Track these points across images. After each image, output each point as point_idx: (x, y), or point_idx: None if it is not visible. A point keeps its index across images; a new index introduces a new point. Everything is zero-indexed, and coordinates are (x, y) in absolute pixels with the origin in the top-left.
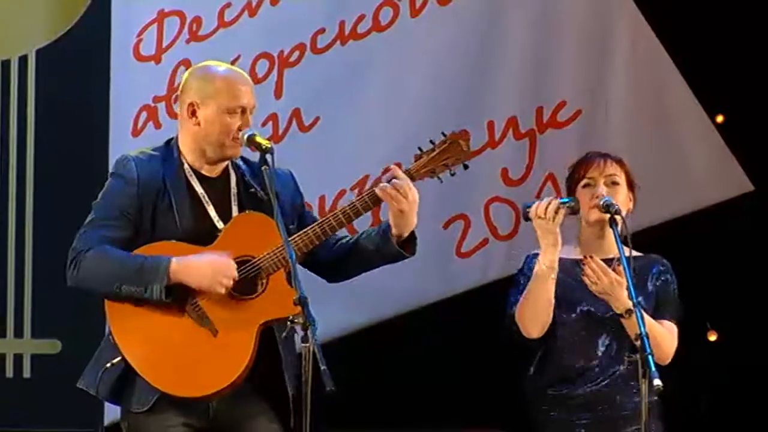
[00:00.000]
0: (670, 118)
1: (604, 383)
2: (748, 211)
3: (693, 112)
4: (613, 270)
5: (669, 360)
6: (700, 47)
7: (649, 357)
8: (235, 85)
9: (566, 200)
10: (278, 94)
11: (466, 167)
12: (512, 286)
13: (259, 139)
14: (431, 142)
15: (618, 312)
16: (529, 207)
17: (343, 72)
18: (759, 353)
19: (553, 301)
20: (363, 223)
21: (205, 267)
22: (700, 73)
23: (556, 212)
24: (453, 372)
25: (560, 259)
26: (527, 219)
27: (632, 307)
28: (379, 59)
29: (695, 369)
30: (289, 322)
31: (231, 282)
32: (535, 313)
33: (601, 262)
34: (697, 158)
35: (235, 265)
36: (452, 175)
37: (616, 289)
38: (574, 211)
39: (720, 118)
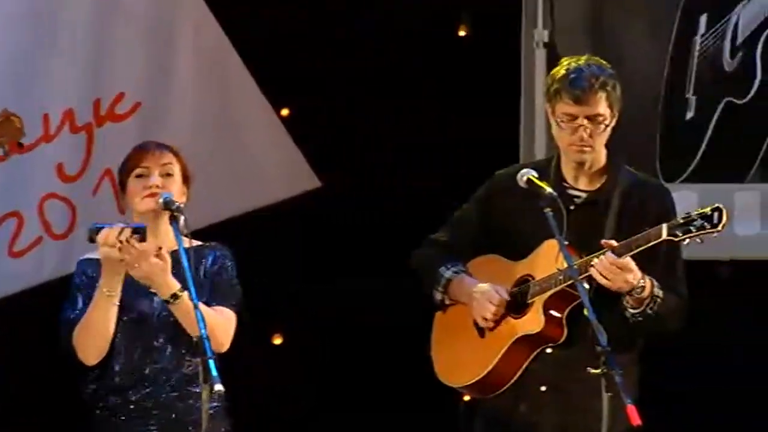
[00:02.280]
0: (234, 110)
1: (166, 388)
2: (316, 208)
3: (258, 105)
4: (157, 256)
5: (225, 348)
6: (265, 38)
7: (210, 361)
8: None
9: (138, 227)
10: None
11: (21, 146)
12: (67, 299)
13: None
14: None
15: (164, 298)
16: (97, 229)
17: None
18: (324, 353)
19: (113, 328)
20: None
21: None
22: (266, 65)
23: (127, 242)
24: (5, 374)
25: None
26: (92, 241)
27: (178, 292)
28: None
29: (260, 370)
30: None
31: None
32: (92, 340)
33: (141, 246)
34: (263, 152)
35: None
36: (5, 154)
37: (158, 275)
38: (143, 239)
39: (285, 112)
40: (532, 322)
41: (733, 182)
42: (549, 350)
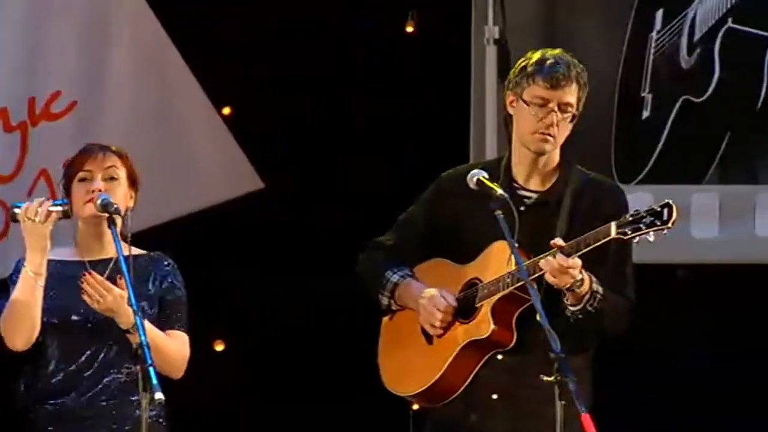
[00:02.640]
0: (174, 109)
1: (101, 396)
2: (258, 209)
3: (198, 103)
4: (116, 283)
5: (182, 373)
6: (206, 36)
7: (150, 368)
8: None
9: (59, 202)
10: None
11: None
12: (2, 295)
13: None
14: None
15: (124, 328)
16: (18, 207)
17: None
18: (265, 359)
19: (40, 310)
20: None
21: None
22: (206, 63)
23: (48, 215)
24: None
25: (56, 262)
26: (15, 220)
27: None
28: None
29: (201, 378)
30: None
31: None
32: (19, 322)
33: (102, 279)
34: (204, 152)
35: None
36: None
37: (121, 305)
38: (66, 215)
39: (227, 110)
40: (480, 326)
41: (690, 183)
42: (500, 356)
